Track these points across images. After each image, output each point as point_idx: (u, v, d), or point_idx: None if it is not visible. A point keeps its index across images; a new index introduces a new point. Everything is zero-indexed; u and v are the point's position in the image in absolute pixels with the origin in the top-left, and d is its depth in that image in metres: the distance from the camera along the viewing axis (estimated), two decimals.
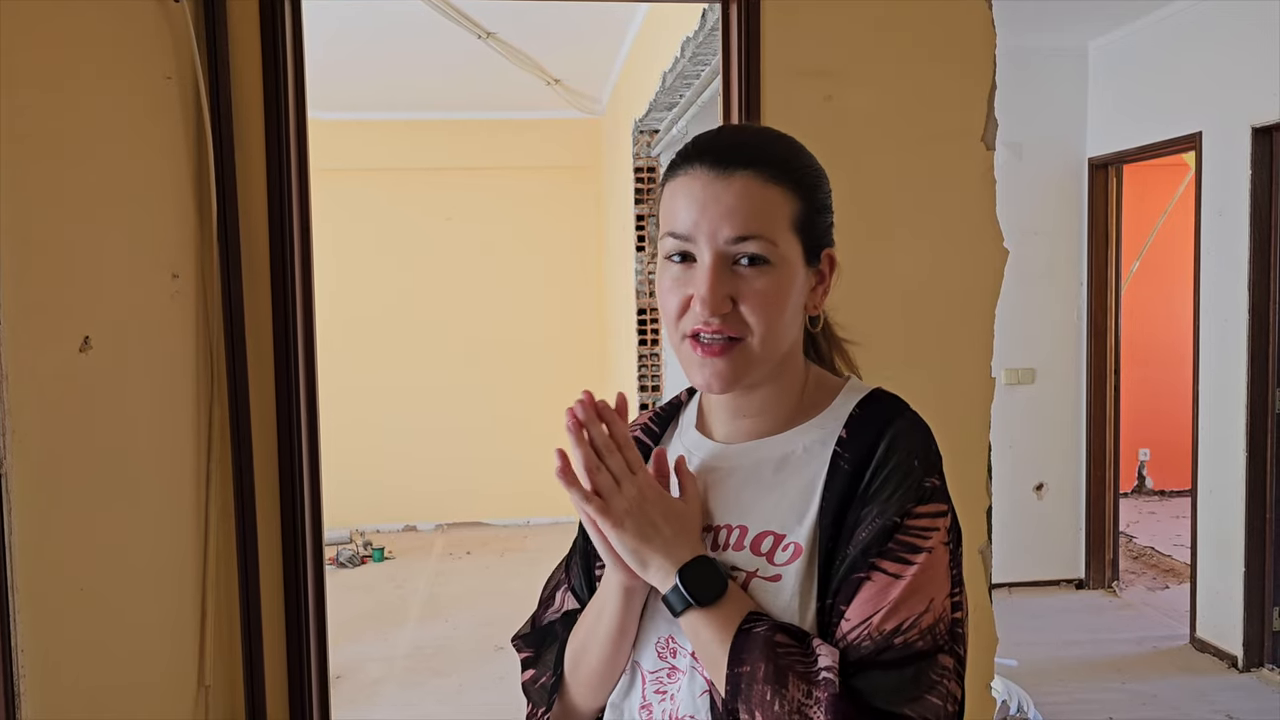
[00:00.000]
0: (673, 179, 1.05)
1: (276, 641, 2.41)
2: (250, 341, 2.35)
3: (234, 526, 2.35)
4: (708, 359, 1.02)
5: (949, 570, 0.98)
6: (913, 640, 0.94)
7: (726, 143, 1.05)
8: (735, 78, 2.45)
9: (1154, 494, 7.50)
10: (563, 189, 7.09)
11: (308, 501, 2.45)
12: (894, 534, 0.96)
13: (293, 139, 2.37)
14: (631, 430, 1.20)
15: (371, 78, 5.90)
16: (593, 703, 1.14)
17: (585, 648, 1.12)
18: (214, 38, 2.26)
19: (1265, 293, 4.18)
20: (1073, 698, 4.06)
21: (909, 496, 0.97)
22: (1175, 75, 4.74)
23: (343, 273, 6.40)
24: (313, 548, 2.48)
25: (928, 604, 0.95)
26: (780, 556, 1.01)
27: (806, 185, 1.05)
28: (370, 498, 6.81)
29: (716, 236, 1.00)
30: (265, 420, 2.38)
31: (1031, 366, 5.38)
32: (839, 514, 0.99)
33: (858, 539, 0.97)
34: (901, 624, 0.94)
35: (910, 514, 0.97)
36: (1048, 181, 5.36)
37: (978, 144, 2.54)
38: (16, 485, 1.60)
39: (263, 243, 2.35)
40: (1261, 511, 4.23)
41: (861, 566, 0.96)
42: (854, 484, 1.00)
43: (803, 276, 1.05)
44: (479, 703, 4.21)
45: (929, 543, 0.97)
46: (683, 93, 4.30)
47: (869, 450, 1.01)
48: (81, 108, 1.90)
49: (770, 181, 1.01)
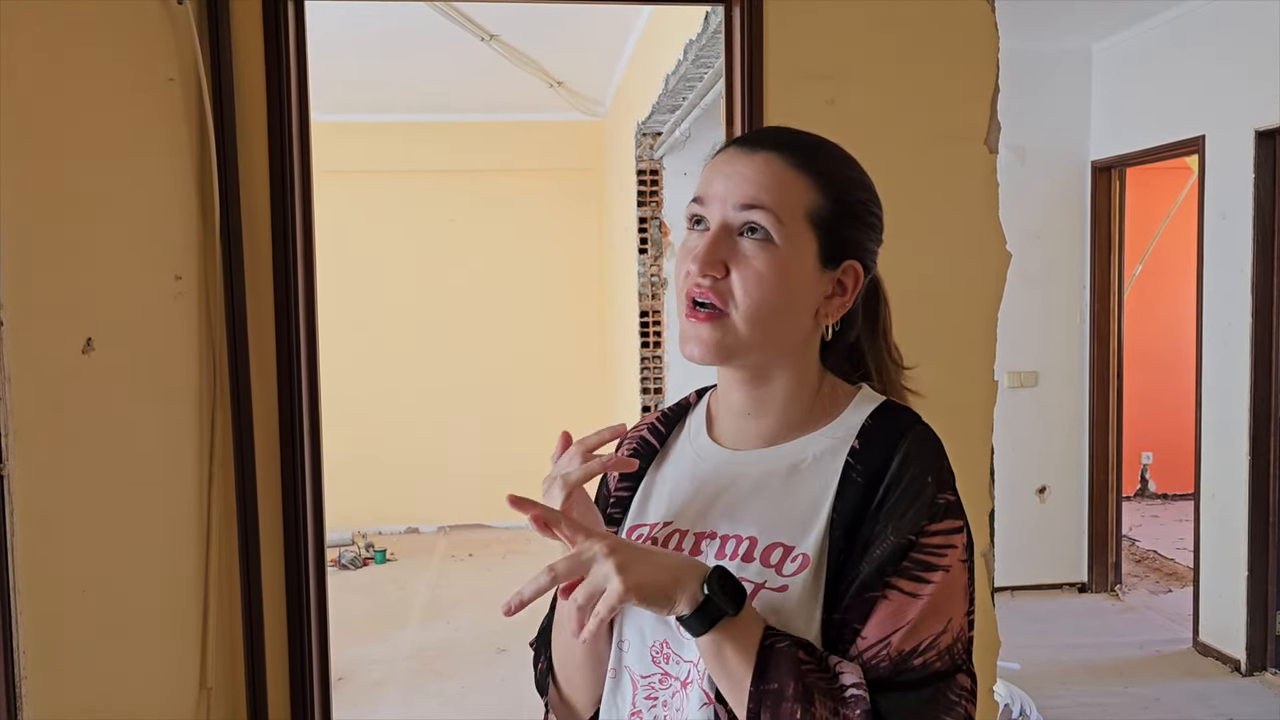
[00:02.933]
0: (709, 162, 1.08)
1: (278, 643, 2.41)
2: (253, 343, 2.35)
3: (236, 528, 2.35)
4: (692, 323, 1.02)
5: (967, 588, 0.98)
6: (931, 661, 0.94)
7: (764, 131, 1.09)
8: (738, 81, 2.45)
9: (1157, 497, 7.49)
10: (565, 191, 7.10)
11: (309, 503, 2.45)
12: (909, 552, 0.95)
13: (295, 141, 2.37)
14: (637, 430, 1.19)
15: (374, 80, 5.91)
16: (584, 699, 1.13)
17: (566, 648, 1.11)
18: (217, 39, 2.26)
19: (1268, 296, 4.17)
20: (1075, 701, 4.05)
21: (923, 514, 0.96)
22: (1178, 78, 4.74)
23: (345, 274, 6.40)
24: (314, 549, 2.48)
25: (946, 623, 0.95)
26: (788, 567, 0.99)
27: (835, 184, 1.04)
28: (372, 499, 6.80)
29: (726, 201, 1.01)
30: (267, 422, 2.38)
31: (1034, 369, 5.38)
32: (850, 527, 0.98)
33: (872, 556, 0.96)
34: (920, 644, 0.94)
35: (925, 532, 0.96)
36: (1051, 185, 5.35)
37: (980, 147, 2.54)
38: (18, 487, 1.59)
39: (265, 244, 2.35)
40: (1264, 515, 4.22)
41: (877, 585, 0.95)
42: (867, 498, 0.99)
43: (812, 273, 1.03)
44: (481, 705, 4.20)
45: (945, 561, 0.96)
46: (685, 95, 4.30)
47: (883, 464, 0.99)
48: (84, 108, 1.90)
49: (792, 166, 1.02)
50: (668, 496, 1.12)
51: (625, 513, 1.14)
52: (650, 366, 5.60)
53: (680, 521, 1.08)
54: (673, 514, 1.09)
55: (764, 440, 1.08)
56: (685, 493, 1.10)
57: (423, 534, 7.21)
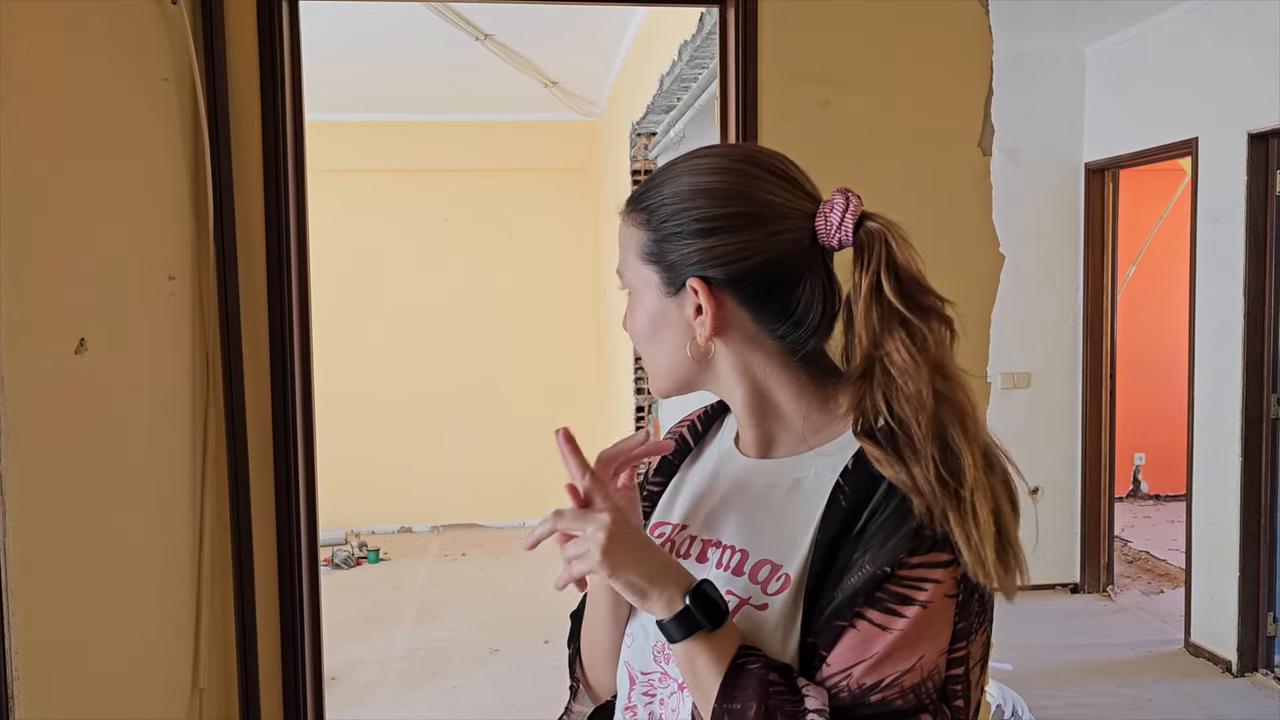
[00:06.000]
0: None
1: (271, 643, 2.41)
2: (246, 343, 2.35)
3: (229, 528, 2.35)
4: None
5: (951, 624, 0.93)
6: (891, 698, 0.90)
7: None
8: (733, 82, 2.46)
9: (1149, 498, 7.50)
10: (560, 191, 7.09)
11: (303, 502, 2.45)
12: (884, 584, 0.91)
13: (289, 140, 2.37)
14: (680, 425, 1.20)
15: (369, 79, 5.90)
16: (603, 685, 1.16)
17: (590, 631, 1.14)
18: (211, 39, 2.26)
19: (1260, 298, 4.19)
20: (1067, 702, 4.06)
21: (904, 545, 0.91)
22: (1172, 81, 4.75)
23: (339, 274, 6.40)
24: (308, 549, 2.48)
25: (915, 661, 0.90)
26: (772, 586, 0.98)
27: (654, 213, 1.03)
28: (365, 499, 6.80)
29: None
30: (260, 421, 2.37)
31: (1028, 371, 5.39)
32: (830, 551, 0.95)
33: (846, 584, 0.93)
34: (882, 680, 0.90)
35: (903, 564, 0.91)
36: (1044, 186, 5.36)
37: (974, 149, 2.54)
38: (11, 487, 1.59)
39: (259, 244, 2.35)
40: (1256, 516, 4.24)
41: (846, 614, 0.92)
42: (849, 523, 0.95)
43: (663, 305, 1.03)
44: (474, 705, 4.20)
45: (923, 596, 0.91)
46: (680, 96, 4.30)
47: (869, 488, 0.96)
48: (78, 109, 1.89)
49: (625, 217, 1.07)
50: (690, 498, 1.12)
51: (654, 507, 1.15)
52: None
53: (693, 526, 1.08)
54: (688, 517, 1.10)
55: (767, 445, 1.07)
56: (702, 496, 1.10)
57: (416, 534, 7.21)
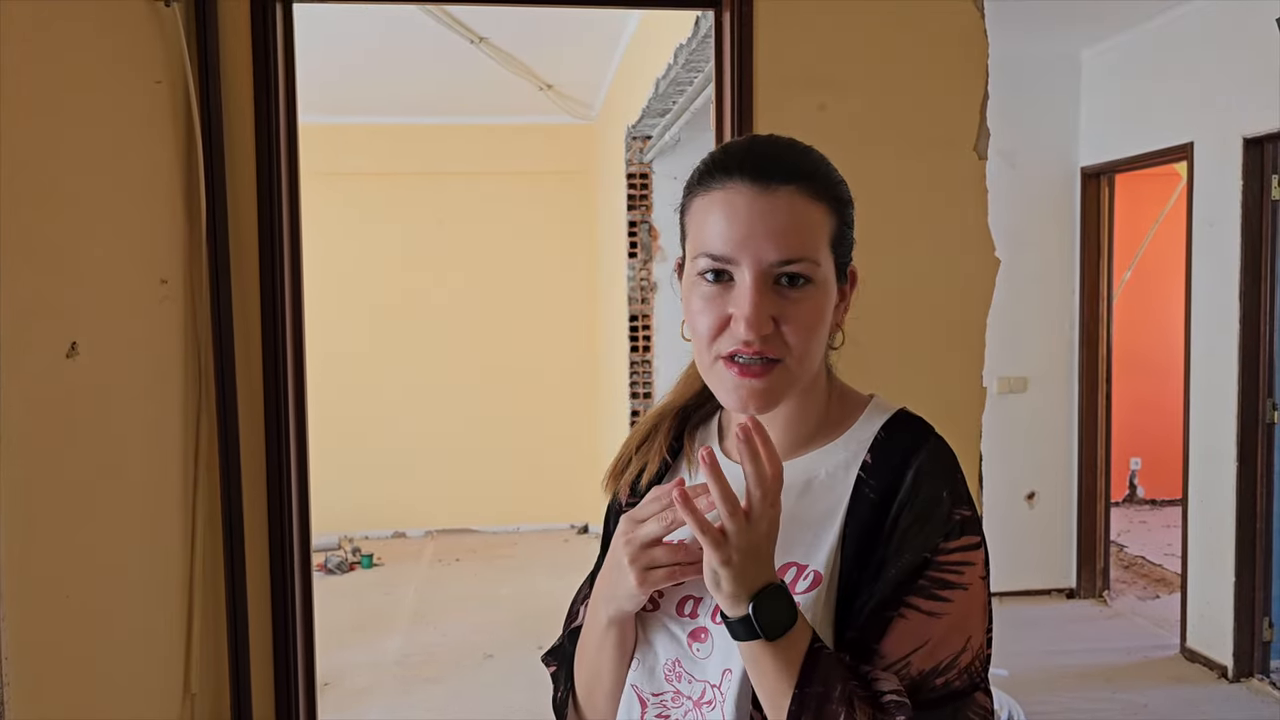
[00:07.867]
0: (705, 192, 0.99)
1: (263, 649, 2.40)
2: (239, 347, 2.33)
3: (221, 533, 2.34)
4: (745, 380, 0.96)
5: (986, 605, 0.97)
6: (952, 680, 0.93)
7: (766, 154, 0.99)
8: (728, 85, 2.45)
9: (1145, 503, 7.50)
10: (555, 194, 7.08)
11: (295, 507, 2.44)
12: (925, 570, 0.94)
13: (283, 143, 2.36)
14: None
15: (363, 82, 5.89)
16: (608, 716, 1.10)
17: (596, 675, 1.08)
18: (205, 42, 2.25)
19: (1255, 302, 4.19)
20: (1063, 707, 4.05)
21: (938, 532, 0.95)
22: (1167, 85, 4.75)
23: (333, 277, 6.38)
24: (300, 554, 2.47)
25: (965, 641, 0.94)
26: (801, 585, 0.98)
27: (843, 201, 1.01)
28: (359, 504, 6.78)
29: (762, 258, 0.95)
30: (253, 426, 2.36)
31: (1023, 375, 5.39)
32: (863, 546, 0.96)
33: (887, 575, 0.95)
34: (940, 664, 0.93)
35: (941, 550, 0.94)
36: (1040, 190, 5.36)
37: (970, 153, 2.54)
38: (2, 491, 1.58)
39: (252, 247, 2.34)
40: (1252, 521, 4.23)
41: (894, 604, 0.94)
42: (880, 516, 0.97)
43: (832, 294, 1.01)
44: (468, 710, 4.18)
45: (964, 579, 0.95)
46: (675, 99, 4.30)
47: (895, 480, 0.97)
48: (71, 111, 1.88)
49: (813, 199, 0.97)
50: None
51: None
52: (639, 370, 5.59)
53: None
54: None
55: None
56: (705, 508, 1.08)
57: (410, 538, 7.19)
